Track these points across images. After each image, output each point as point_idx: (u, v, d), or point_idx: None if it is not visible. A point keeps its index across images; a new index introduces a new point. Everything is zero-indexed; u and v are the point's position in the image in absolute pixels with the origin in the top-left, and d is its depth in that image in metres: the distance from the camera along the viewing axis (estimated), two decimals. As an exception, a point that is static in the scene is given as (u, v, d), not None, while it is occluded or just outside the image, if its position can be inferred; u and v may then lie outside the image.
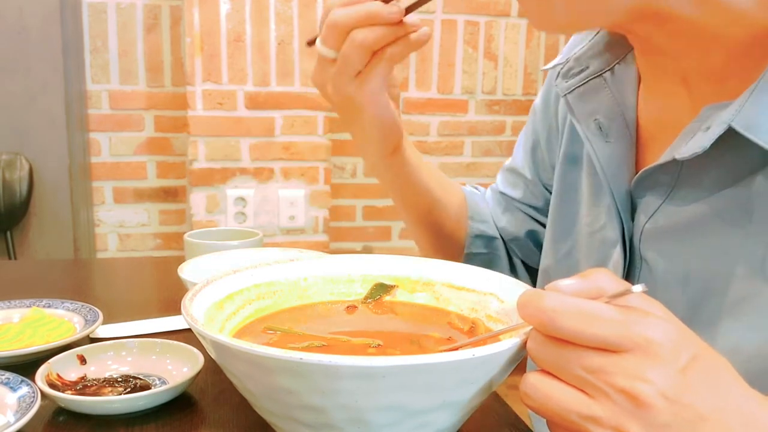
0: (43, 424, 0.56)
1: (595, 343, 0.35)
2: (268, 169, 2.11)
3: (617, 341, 0.34)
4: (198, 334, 0.45)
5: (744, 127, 0.45)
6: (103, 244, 2.32)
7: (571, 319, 0.35)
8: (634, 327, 0.35)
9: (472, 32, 2.44)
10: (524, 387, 0.38)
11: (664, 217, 0.55)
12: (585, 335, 0.35)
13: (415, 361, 0.39)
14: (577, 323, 0.35)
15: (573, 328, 0.35)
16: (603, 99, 0.61)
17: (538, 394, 0.37)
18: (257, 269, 0.62)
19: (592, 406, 0.35)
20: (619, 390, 0.34)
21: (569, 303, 0.36)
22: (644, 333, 0.34)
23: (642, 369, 0.34)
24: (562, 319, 0.35)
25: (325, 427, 0.43)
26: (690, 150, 0.48)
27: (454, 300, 0.62)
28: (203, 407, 0.60)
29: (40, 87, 2.09)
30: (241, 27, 2.00)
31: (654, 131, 0.59)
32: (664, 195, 0.54)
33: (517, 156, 0.85)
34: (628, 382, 0.34)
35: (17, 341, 0.71)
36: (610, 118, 0.60)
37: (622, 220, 0.58)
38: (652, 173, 0.55)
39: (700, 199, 0.52)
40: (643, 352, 0.34)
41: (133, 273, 1.17)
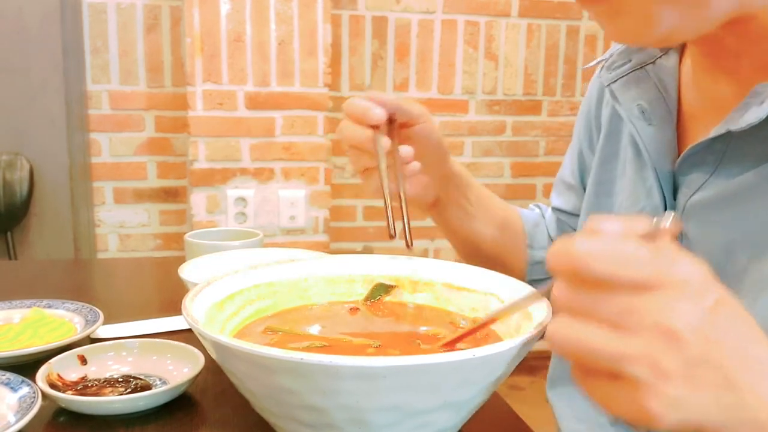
0: (44, 425, 0.56)
1: (627, 284, 0.35)
2: (268, 170, 2.11)
3: (648, 280, 0.35)
4: (198, 335, 0.45)
5: None
6: (104, 244, 2.32)
7: (604, 261, 0.35)
8: (665, 266, 0.35)
9: (472, 32, 2.44)
10: (551, 332, 0.37)
11: (709, 191, 0.56)
12: (618, 276, 0.35)
13: (416, 362, 0.39)
14: (610, 265, 0.35)
15: (606, 270, 0.35)
16: (646, 87, 0.63)
17: (569, 338, 0.36)
18: (257, 269, 0.62)
19: (627, 345, 0.35)
20: (652, 326, 0.34)
21: (602, 245, 0.35)
22: (674, 271, 0.35)
23: (673, 304, 0.34)
24: (595, 262, 0.35)
25: (325, 427, 0.43)
26: (746, 121, 0.50)
27: (454, 300, 0.62)
28: (204, 407, 0.60)
29: (40, 87, 2.09)
30: (242, 27, 2.00)
31: (696, 115, 0.61)
32: (710, 171, 0.56)
33: (565, 167, 0.86)
34: (659, 316, 0.34)
35: (18, 342, 0.71)
36: (652, 103, 0.63)
37: (665, 198, 0.60)
38: (700, 150, 0.56)
39: (748, 170, 0.53)
40: (673, 289, 0.35)
41: (133, 273, 1.17)
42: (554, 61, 2.52)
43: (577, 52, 2.54)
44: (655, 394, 0.34)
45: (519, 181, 2.57)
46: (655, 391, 0.34)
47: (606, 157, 0.72)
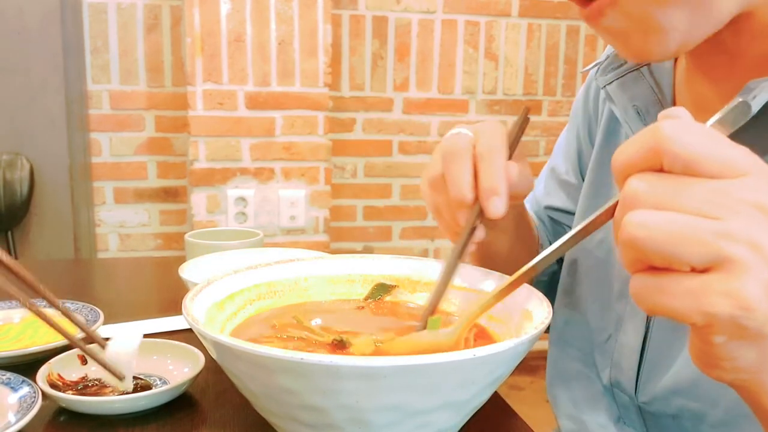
0: (44, 424, 0.56)
1: (718, 163, 0.33)
2: (268, 169, 2.11)
3: (740, 164, 0.34)
4: (199, 334, 0.45)
5: None
6: (104, 244, 2.32)
7: (697, 137, 0.34)
8: (748, 153, 0.34)
9: (472, 32, 2.44)
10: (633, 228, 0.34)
11: None
12: (711, 154, 0.33)
13: (416, 362, 0.39)
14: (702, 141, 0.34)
15: (700, 145, 0.34)
16: (641, 88, 0.64)
17: (658, 229, 0.33)
18: (258, 269, 0.62)
19: (723, 224, 0.33)
20: (749, 204, 0.33)
21: (692, 126, 0.34)
22: (760, 162, 0.34)
23: (766, 187, 0.33)
24: (687, 136, 0.34)
25: (325, 427, 0.43)
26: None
27: (454, 300, 0.62)
28: (204, 407, 0.60)
29: (40, 87, 2.09)
30: (242, 27, 2.00)
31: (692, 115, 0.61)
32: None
33: (557, 164, 0.83)
34: (756, 196, 0.33)
35: (18, 341, 0.71)
36: (648, 104, 0.63)
37: None
38: None
39: None
40: (765, 175, 0.34)
41: (133, 273, 1.17)
42: (554, 61, 2.52)
43: (577, 52, 2.54)
44: (755, 277, 0.32)
45: (519, 181, 2.57)
46: (755, 273, 0.32)
47: (604, 157, 0.72)
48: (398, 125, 2.45)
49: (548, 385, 0.78)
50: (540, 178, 0.87)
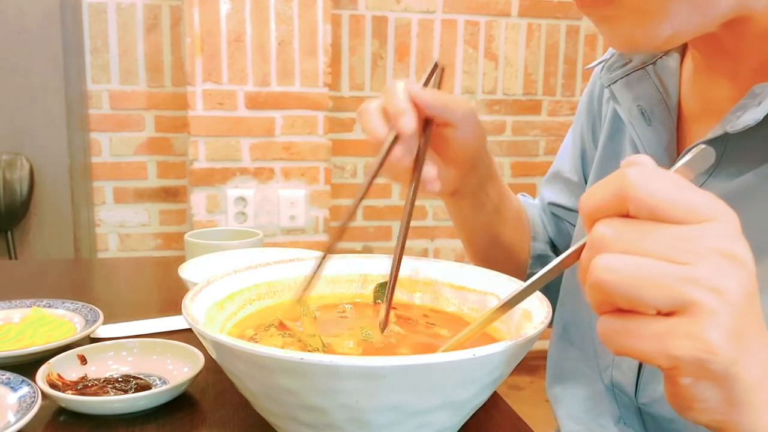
0: (44, 424, 0.56)
1: (684, 209, 0.34)
2: (268, 169, 2.11)
3: (708, 210, 0.34)
4: (198, 334, 0.45)
5: None
6: (104, 244, 2.32)
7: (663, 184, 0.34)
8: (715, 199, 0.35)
9: (472, 32, 2.44)
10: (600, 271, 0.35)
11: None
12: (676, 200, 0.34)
13: (416, 361, 0.39)
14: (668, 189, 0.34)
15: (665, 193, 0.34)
16: (646, 87, 0.63)
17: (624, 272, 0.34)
18: (257, 269, 0.62)
19: (688, 269, 0.33)
20: (715, 250, 0.33)
21: (656, 173, 0.35)
22: (725, 207, 0.35)
23: (733, 233, 0.34)
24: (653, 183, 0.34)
25: (325, 427, 0.43)
26: (743, 123, 0.50)
27: (454, 300, 0.62)
28: (204, 407, 0.60)
29: (40, 87, 2.09)
30: (242, 27, 2.00)
31: (696, 116, 0.61)
32: (708, 172, 0.56)
33: (562, 163, 0.84)
34: (722, 243, 0.34)
35: (18, 341, 0.71)
36: (652, 104, 0.62)
37: None
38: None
39: (746, 172, 0.53)
40: (729, 221, 0.35)
41: (133, 273, 1.17)
42: (554, 61, 2.52)
43: (577, 51, 2.54)
44: (718, 321, 0.33)
45: (519, 180, 2.57)
46: (719, 318, 0.33)
47: (608, 156, 0.72)
48: (398, 125, 2.44)
49: (548, 385, 0.78)
50: (544, 178, 0.88)
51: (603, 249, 0.35)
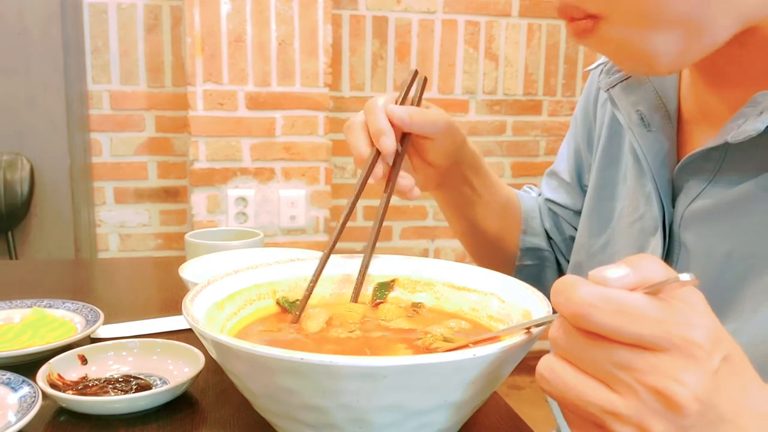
0: (44, 424, 0.56)
1: (630, 340, 0.33)
2: (268, 170, 2.11)
3: (655, 341, 0.33)
4: (199, 334, 0.45)
5: None
6: (104, 244, 2.33)
7: (608, 315, 0.33)
8: (675, 328, 0.33)
9: (472, 32, 2.44)
10: (542, 370, 0.36)
11: (707, 199, 0.56)
12: (621, 333, 0.33)
13: (416, 361, 0.39)
14: (613, 320, 0.33)
15: (609, 325, 0.33)
16: (645, 92, 0.63)
17: (557, 381, 0.35)
18: (258, 269, 0.62)
19: (616, 402, 0.34)
20: (650, 389, 0.33)
21: (607, 297, 0.33)
22: (685, 334, 0.33)
23: (678, 370, 0.33)
24: (598, 314, 0.33)
25: (326, 426, 0.43)
26: (744, 133, 0.49)
27: (454, 300, 0.62)
28: (204, 407, 0.60)
29: (40, 87, 2.09)
30: (242, 27, 2.01)
31: (696, 121, 0.61)
32: (707, 179, 0.56)
33: (560, 161, 0.86)
34: (662, 382, 0.33)
35: (18, 341, 0.71)
36: (651, 109, 0.62)
37: (663, 206, 0.60)
38: (698, 158, 0.56)
39: (746, 180, 0.53)
40: (681, 354, 0.33)
41: (133, 273, 1.17)
42: (554, 61, 2.52)
43: (577, 52, 2.54)
44: None
45: (519, 180, 2.57)
46: None
47: (607, 161, 0.72)
48: (398, 125, 2.44)
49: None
50: (546, 172, 0.90)
51: (553, 348, 0.37)
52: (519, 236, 0.85)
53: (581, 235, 0.75)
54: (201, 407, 0.60)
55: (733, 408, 0.34)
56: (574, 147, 0.83)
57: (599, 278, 0.35)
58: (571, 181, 0.83)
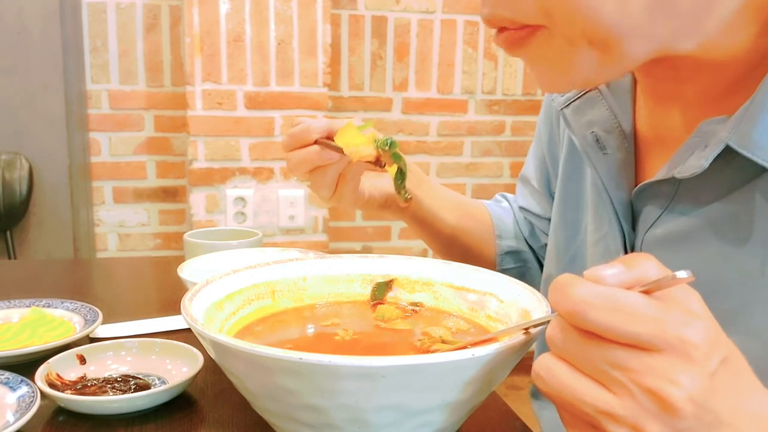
0: (43, 424, 0.56)
1: (625, 340, 0.33)
2: (267, 169, 2.11)
3: (651, 340, 0.33)
4: (197, 334, 0.45)
5: (740, 145, 0.46)
6: (103, 243, 2.32)
7: (604, 313, 0.33)
8: (671, 327, 0.33)
9: (471, 32, 2.44)
10: (539, 369, 0.36)
11: (663, 228, 0.55)
12: (617, 331, 0.33)
13: (415, 361, 0.39)
14: (609, 318, 0.33)
15: (605, 323, 0.33)
16: (599, 111, 0.61)
17: (553, 380, 0.35)
18: (257, 269, 0.62)
19: (611, 402, 0.33)
20: (645, 390, 0.33)
21: (603, 295, 0.33)
22: (681, 334, 0.33)
23: (674, 371, 0.32)
24: (593, 312, 0.33)
25: (325, 426, 0.43)
26: (689, 169, 0.49)
27: (453, 300, 0.62)
28: (203, 407, 0.60)
29: (40, 87, 2.09)
30: (241, 27, 2.00)
31: (653, 141, 0.60)
32: (663, 206, 0.55)
33: (528, 168, 0.86)
34: (657, 382, 0.32)
35: (17, 341, 0.71)
36: (607, 130, 0.60)
37: (623, 230, 0.59)
38: (652, 186, 0.55)
39: (698, 210, 0.52)
40: (677, 354, 0.33)
41: (132, 273, 1.17)
42: (554, 61, 2.52)
43: (576, 52, 2.54)
44: None
45: (518, 181, 2.57)
46: None
47: (570, 173, 0.71)
48: (397, 125, 2.45)
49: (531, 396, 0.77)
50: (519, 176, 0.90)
51: (550, 347, 0.37)
52: (495, 242, 0.85)
53: (550, 249, 0.74)
54: (200, 407, 0.60)
55: (731, 412, 0.34)
56: (540, 155, 0.82)
57: (595, 276, 0.35)
58: (540, 188, 0.83)
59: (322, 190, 0.70)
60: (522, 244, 0.86)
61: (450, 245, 0.84)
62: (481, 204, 0.88)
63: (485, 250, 0.85)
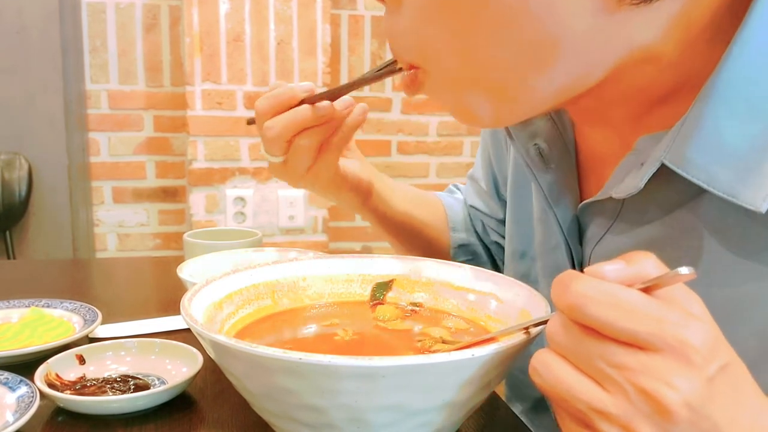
0: (42, 424, 0.56)
1: (624, 338, 0.33)
2: (267, 169, 2.11)
3: (649, 339, 0.32)
4: (197, 334, 0.45)
5: (675, 164, 0.44)
6: (102, 244, 2.32)
7: (603, 308, 0.33)
8: (671, 327, 0.32)
9: (471, 32, 2.44)
10: (535, 363, 0.36)
11: (610, 244, 0.54)
12: (615, 327, 0.33)
13: (415, 362, 0.39)
14: (608, 314, 0.33)
15: (604, 318, 0.33)
16: (542, 124, 0.60)
17: (550, 375, 0.35)
18: (256, 269, 0.62)
19: (605, 400, 0.33)
20: (640, 390, 0.32)
21: (604, 290, 0.33)
22: (680, 335, 0.32)
23: (671, 373, 0.32)
24: (593, 306, 0.33)
25: (324, 426, 0.43)
26: (626, 190, 0.48)
27: (453, 300, 0.62)
28: (202, 407, 0.60)
29: (39, 87, 2.09)
30: (241, 27, 2.00)
31: (592, 158, 0.59)
32: (607, 224, 0.54)
33: (477, 168, 0.86)
34: (653, 384, 0.32)
35: (16, 341, 0.70)
36: (550, 143, 0.59)
37: (569, 246, 0.58)
38: (595, 204, 0.54)
39: (640, 229, 0.51)
40: (675, 356, 0.32)
41: (132, 273, 1.17)
42: (553, 62, 2.52)
43: (576, 52, 2.54)
44: None
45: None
46: None
47: (520, 181, 0.70)
48: (397, 125, 2.45)
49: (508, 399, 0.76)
50: (468, 173, 0.89)
51: (549, 342, 0.36)
52: (449, 234, 0.85)
53: (507, 256, 0.74)
54: (199, 407, 0.60)
55: (728, 421, 0.33)
56: (487, 158, 0.82)
57: (596, 272, 0.35)
58: (488, 189, 0.82)
59: (299, 164, 0.65)
60: (473, 237, 0.86)
61: (408, 238, 0.83)
62: (435, 196, 0.88)
63: (441, 242, 0.85)
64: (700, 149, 0.43)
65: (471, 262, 0.85)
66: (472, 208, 0.86)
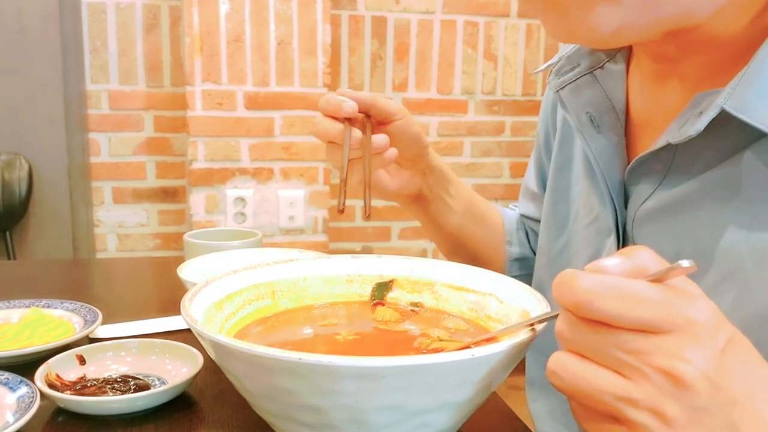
0: (43, 425, 0.56)
1: (634, 326, 0.33)
2: (267, 170, 2.11)
3: (658, 323, 0.33)
4: (197, 335, 0.45)
5: (736, 109, 0.46)
6: (103, 244, 2.32)
7: (610, 301, 0.34)
8: (676, 308, 0.33)
9: (471, 33, 2.44)
10: (552, 366, 0.36)
11: (657, 201, 0.55)
12: (624, 318, 0.33)
13: (415, 362, 0.39)
14: (615, 305, 0.33)
15: (612, 311, 0.34)
16: (594, 94, 0.62)
17: (569, 375, 0.35)
18: (256, 269, 0.62)
19: (629, 388, 0.34)
20: (659, 370, 0.33)
21: (608, 284, 0.34)
22: (686, 313, 0.33)
23: (683, 349, 0.33)
24: (599, 301, 0.34)
25: (325, 427, 0.43)
26: (685, 133, 0.49)
27: (453, 300, 0.62)
28: (202, 407, 0.60)
29: (39, 87, 2.09)
30: (241, 27, 2.00)
31: (645, 122, 0.61)
32: (657, 182, 0.55)
33: (529, 173, 0.86)
34: (669, 362, 0.33)
35: (16, 341, 0.70)
36: (601, 111, 0.61)
37: (615, 208, 0.59)
38: (646, 161, 0.55)
39: (692, 180, 0.52)
40: (684, 333, 0.33)
41: (132, 273, 1.17)
42: (553, 62, 2.52)
43: (576, 52, 2.54)
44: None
45: (518, 181, 2.57)
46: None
47: (561, 163, 0.72)
48: (397, 125, 2.44)
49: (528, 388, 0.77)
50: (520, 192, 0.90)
51: (561, 343, 0.37)
52: (505, 248, 0.85)
53: (541, 240, 0.75)
54: (199, 407, 0.60)
55: (743, 391, 0.34)
56: (538, 157, 0.83)
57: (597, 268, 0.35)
58: (538, 191, 0.83)
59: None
60: (527, 250, 0.86)
61: (459, 249, 0.85)
62: (496, 209, 0.88)
63: (495, 256, 0.85)
64: (762, 95, 0.45)
65: (526, 278, 0.84)
66: (523, 217, 0.86)
